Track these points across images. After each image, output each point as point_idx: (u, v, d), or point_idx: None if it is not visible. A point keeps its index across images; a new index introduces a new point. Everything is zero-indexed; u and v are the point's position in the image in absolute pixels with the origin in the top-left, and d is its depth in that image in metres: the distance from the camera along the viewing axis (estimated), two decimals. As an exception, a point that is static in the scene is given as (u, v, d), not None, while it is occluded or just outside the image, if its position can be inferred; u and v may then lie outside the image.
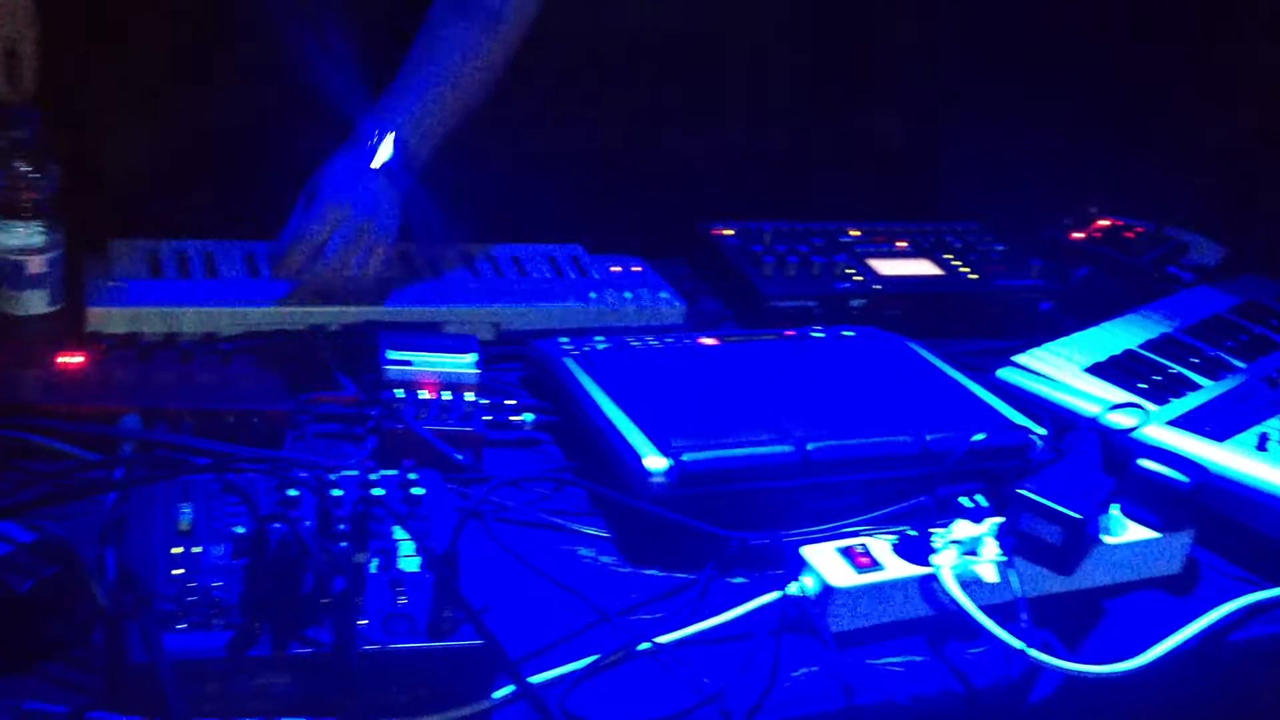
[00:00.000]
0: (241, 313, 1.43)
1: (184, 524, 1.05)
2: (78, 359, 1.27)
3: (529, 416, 1.37)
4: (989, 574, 1.16)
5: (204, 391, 1.26)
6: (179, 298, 1.42)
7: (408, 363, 1.34)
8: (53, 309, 1.36)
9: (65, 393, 1.23)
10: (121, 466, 1.14)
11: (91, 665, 0.97)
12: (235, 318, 1.43)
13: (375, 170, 1.45)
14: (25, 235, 1.32)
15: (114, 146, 1.67)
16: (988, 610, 1.12)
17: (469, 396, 1.32)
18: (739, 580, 1.19)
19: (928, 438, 1.30)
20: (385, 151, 1.46)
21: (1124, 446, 1.30)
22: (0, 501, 1.09)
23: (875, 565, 1.15)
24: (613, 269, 1.66)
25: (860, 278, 1.71)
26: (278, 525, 0.96)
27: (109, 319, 1.39)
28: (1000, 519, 1.19)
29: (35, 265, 1.33)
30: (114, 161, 1.67)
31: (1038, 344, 1.56)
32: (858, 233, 1.83)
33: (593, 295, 1.58)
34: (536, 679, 1.02)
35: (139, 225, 1.57)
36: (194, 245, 1.52)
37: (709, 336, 1.49)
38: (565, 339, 1.45)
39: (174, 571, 1.00)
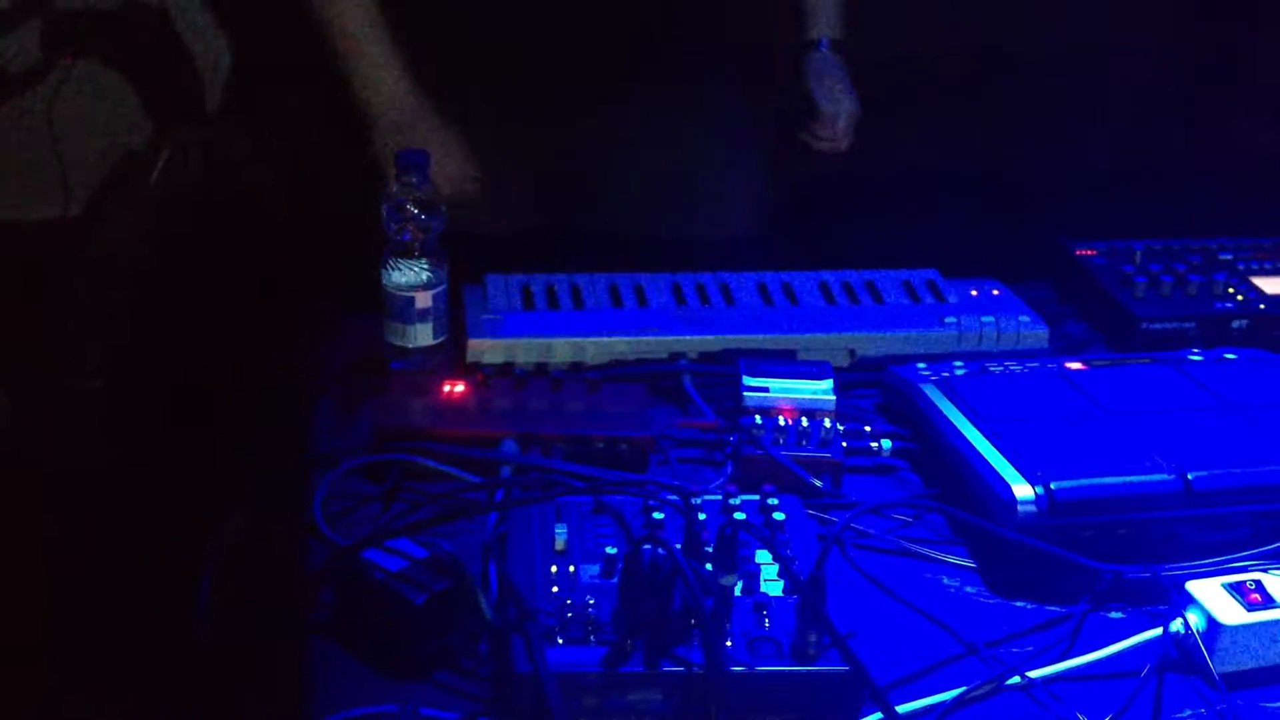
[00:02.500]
0: (607, 342, 1.49)
1: (559, 543, 1.10)
2: (460, 387, 1.35)
3: (886, 443, 1.35)
4: (1402, 616, 1.06)
5: (574, 418, 1.32)
6: (549, 329, 1.50)
7: (765, 389, 1.36)
8: (437, 341, 1.46)
9: (450, 419, 1.31)
10: (502, 489, 1.20)
11: (478, 675, 1.03)
12: (601, 347, 1.48)
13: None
14: (414, 273, 1.43)
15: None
16: (1401, 657, 1.03)
17: (826, 422, 1.33)
18: (1115, 615, 1.13)
19: (1325, 468, 1.20)
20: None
21: None
22: (397, 520, 1.17)
23: (1270, 602, 1.07)
24: (971, 293, 1.62)
25: (1242, 297, 1.60)
26: (649, 546, 0.99)
27: (487, 349, 1.47)
28: None
29: (422, 300, 1.43)
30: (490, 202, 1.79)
31: None
32: (1238, 249, 1.71)
33: (950, 320, 1.55)
34: (903, 708, 1.00)
35: (512, 260, 1.66)
36: (561, 279, 1.60)
37: (1075, 361, 1.43)
38: (923, 365, 1.43)
39: (551, 589, 1.05)
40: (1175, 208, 1.89)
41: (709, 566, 1.01)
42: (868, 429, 1.37)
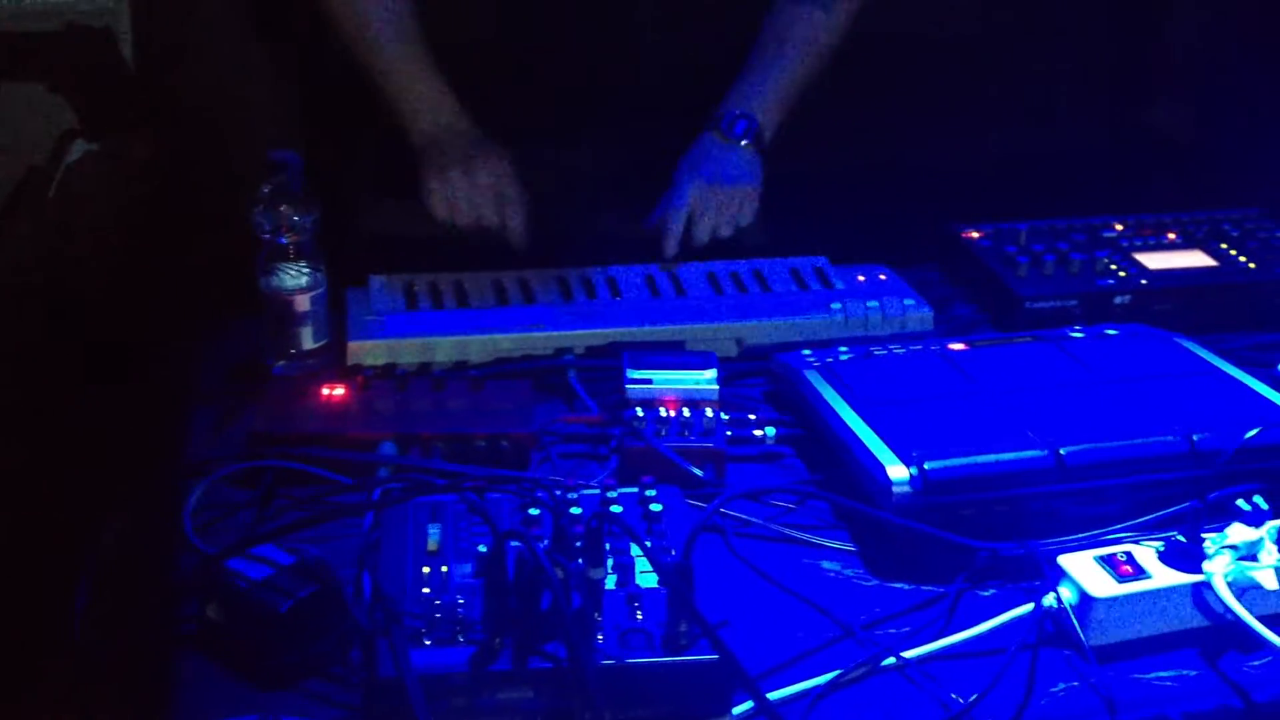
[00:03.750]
0: (491, 340, 1.47)
1: (432, 544, 1.09)
2: (339, 390, 1.33)
3: (770, 430, 1.35)
4: (1269, 581, 1.07)
5: (455, 417, 1.30)
6: (432, 328, 1.48)
7: (648, 381, 1.35)
8: (319, 344, 1.44)
9: (328, 422, 1.29)
10: (374, 491, 1.18)
11: (349, 682, 1.01)
12: (485, 345, 1.47)
13: (739, 144, 1.67)
14: (292, 276, 1.41)
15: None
16: (1268, 621, 1.04)
17: (709, 412, 1.32)
18: (989, 593, 1.14)
19: (1195, 437, 1.21)
20: (746, 126, 1.67)
21: None
22: (262, 526, 1.15)
23: (1140, 574, 1.08)
24: (858, 278, 1.63)
25: (1124, 273, 1.62)
26: (515, 544, 0.98)
27: (368, 351, 1.45)
28: (1281, 522, 1.10)
29: (301, 304, 1.41)
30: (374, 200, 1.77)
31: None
32: (1122, 226, 1.73)
33: (835, 306, 1.55)
34: (776, 695, 1.00)
35: (400, 259, 1.64)
36: (446, 277, 1.58)
37: (957, 342, 1.44)
38: (808, 351, 1.43)
39: (422, 590, 1.03)
40: (1064, 191, 1.91)
41: (579, 562, 1.00)
42: (752, 417, 1.36)
